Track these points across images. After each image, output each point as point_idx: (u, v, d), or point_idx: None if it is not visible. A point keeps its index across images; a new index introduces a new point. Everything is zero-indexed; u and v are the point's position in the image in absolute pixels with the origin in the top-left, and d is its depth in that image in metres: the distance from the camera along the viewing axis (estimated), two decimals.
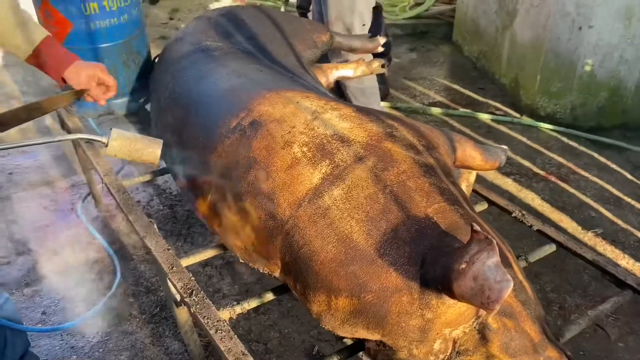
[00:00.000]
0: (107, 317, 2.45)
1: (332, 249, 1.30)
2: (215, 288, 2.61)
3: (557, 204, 3.05)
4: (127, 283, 2.64)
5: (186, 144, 1.77)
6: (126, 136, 1.77)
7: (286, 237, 1.38)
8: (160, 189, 3.31)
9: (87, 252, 2.83)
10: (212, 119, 1.68)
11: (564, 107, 3.64)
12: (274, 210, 1.40)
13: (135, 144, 1.79)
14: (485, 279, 1.01)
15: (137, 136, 1.84)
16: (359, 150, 1.42)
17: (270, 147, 1.47)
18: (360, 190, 1.35)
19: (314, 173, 1.39)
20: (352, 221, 1.31)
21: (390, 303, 1.22)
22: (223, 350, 1.38)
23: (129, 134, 1.79)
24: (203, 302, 1.52)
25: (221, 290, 2.61)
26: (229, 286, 2.63)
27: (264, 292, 1.61)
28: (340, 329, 1.33)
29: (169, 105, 1.93)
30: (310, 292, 1.34)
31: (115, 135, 1.77)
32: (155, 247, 1.73)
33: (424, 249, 1.26)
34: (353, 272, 1.26)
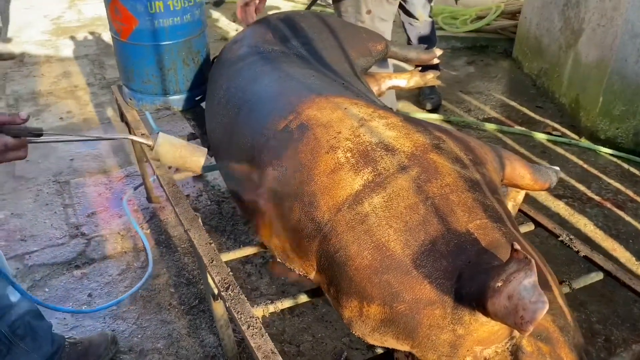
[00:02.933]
0: (147, 306, 2.53)
1: (368, 256, 1.30)
2: (254, 286, 2.65)
3: (611, 231, 2.93)
4: (169, 274, 2.72)
5: (235, 143, 1.81)
6: (172, 142, 1.83)
7: (323, 240, 1.39)
8: (210, 185, 3.39)
9: (136, 240, 2.94)
10: (262, 120, 1.71)
11: (626, 131, 3.49)
12: (314, 212, 1.41)
13: (180, 151, 1.85)
14: (520, 299, 0.99)
15: (183, 143, 1.90)
16: (403, 160, 1.41)
17: (315, 150, 1.48)
18: (401, 199, 1.34)
19: (355, 179, 1.40)
20: (390, 230, 1.30)
21: (422, 315, 1.20)
22: (253, 347, 1.40)
23: (176, 141, 1.85)
24: (238, 298, 1.55)
25: (259, 288, 2.65)
26: (266, 285, 2.66)
27: (298, 293, 1.63)
28: (369, 337, 1.32)
29: (222, 104, 1.98)
30: (343, 297, 1.35)
31: (162, 140, 1.83)
32: (198, 240, 1.78)
33: (461, 264, 1.24)
34: (387, 280, 1.26)
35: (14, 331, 1.84)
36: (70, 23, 6.15)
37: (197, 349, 2.34)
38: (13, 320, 1.84)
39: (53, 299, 2.56)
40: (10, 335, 1.83)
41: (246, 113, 1.81)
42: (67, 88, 4.62)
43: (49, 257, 2.81)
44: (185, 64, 2.45)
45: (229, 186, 1.95)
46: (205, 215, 3.12)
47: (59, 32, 5.86)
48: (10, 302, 1.84)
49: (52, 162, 3.59)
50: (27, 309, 1.90)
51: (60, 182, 3.40)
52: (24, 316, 1.88)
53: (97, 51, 5.38)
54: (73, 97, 4.47)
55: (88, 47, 5.49)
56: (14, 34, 5.72)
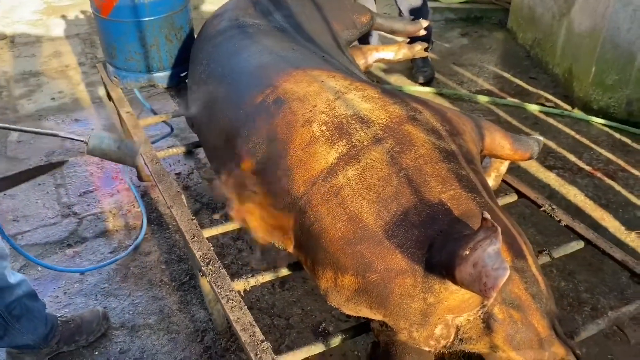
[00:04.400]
0: (138, 283, 2.55)
1: (342, 227, 1.30)
2: (245, 261, 2.67)
3: (601, 201, 2.93)
4: (161, 251, 2.74)
5: (215, 119, 1.81)
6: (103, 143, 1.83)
7: (300, 213, 1.40)
8: (202, 162, 3.39)
9: (127, 218, 2.96)
10: (240, 94, 1.71)
11: (619, 101, 3.46)
12: (290, 186, 1.42)
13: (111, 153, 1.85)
14: (483, 266, 0.99)
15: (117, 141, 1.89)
16: (377, 132, 1.41)
17: (290, 124, 1.48)
18: (374, 171, 1.34)
19: (330, 152, 1.40)
20: (363, 201, 1.31)
21: (394, 284, 1.22)
22: (232, 320, 1.42)
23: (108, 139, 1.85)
24: (218, 272, 1.56)
25: (250, 264, 2.67)
26: (258, 261, 2.68)
27: (279, 267, 1.64)
28: (344, 307, 1.34)
29: (202, 80, 1.97)
30: (319, 268, 1.36)
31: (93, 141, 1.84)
32: (180, 216, 1.79)
33: (433, 233, 1.25)
34: (360, 251, 1.27)
35: (10, 312, 1.86)
36: (61, 2, 6.08)
37: (188, 324, 2.37)
38: (10, 301, 1.86)
39: (45, 277, 2.59)
40: (7, 315, 1.85)
41: (225, 88, 1.81)
42: (58, 68, 4.60)
43: (41, 237, 2.83)
44: (168, 40, 2.43)
45: (210, 162, 1.96)
46: (196, 193, 3.13)
47: (50, 12, 5.80)
48: (8, 283, 1.85)
49: (45, 142, 3.58)
50: (25, 290, 1.92)
51: (52, 162, 3.40)
52: (22, 298, 1.90)
53: (89, 30, 5.33)
54: (64, 77, 4.45)
55: (79, 26, 5.44)
56: (4, 14, 5.67)
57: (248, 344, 1.35)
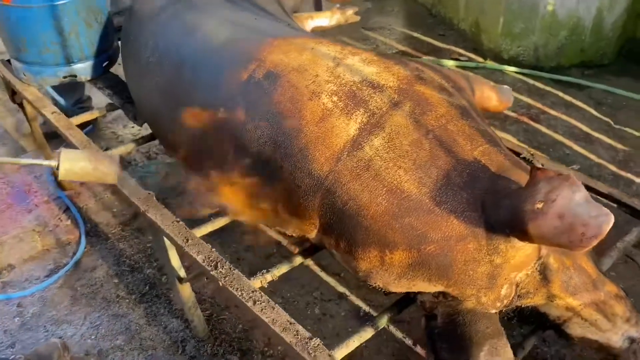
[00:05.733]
0: (91, 303, 2.27)
1: (383, 202, 1.21)
2: None
3: (533, 144, 3.09)
4: (107, 264, 2.46)
5: (183, 106, 1.60)
6: (78, 164, 1.57)
7: (326, 195, 1.28)
8: (125, 160, 3.08)
9: (58, 234, 2.60)
10: (215, 76, 1.52)
11: (527, 48, 3.66)
12: (310, 167, 1.29)
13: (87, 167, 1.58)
14: (575, 216, 0.96)
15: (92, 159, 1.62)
16: (392, 96, 1.32)
17: (295, 99, 1.34)
18: (402, 137, 1.26)
19: (349, 124, 1.29)
20: (399, 170, 1.22)
21: (455, 252, 1.15)
22: (267, 322, 1.28)
23: (82, 159, 1.58)
24: (232, 274, 1.40)
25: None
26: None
27: (292, 256, 1.51)
28: (394, 284, 1.26)
29: (152, 66, 1.74)
30: (359, 250, 1.26)
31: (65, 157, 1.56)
32: (162, 220, 1.58)
33: (480, 192, 1.20)
34: (409, 223, 1.18)
35: None
36: None
37: (163, 337, 2.15)
38: None
39: None
40: None
41: (190, 71, 1.60)
42: None
43: None
44: (88, 25, 2.12)
45: (179, 157, 1.74)
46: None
47: None
48: None
49: None
50: None
51: None
52: None
53: None
54: None
55: None
56: None
57: (295, 344, 1.22)
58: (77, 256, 2.45)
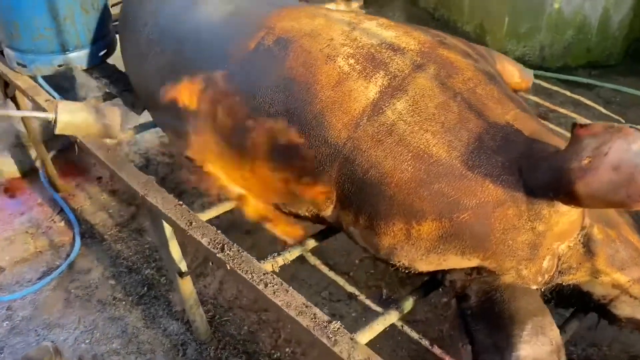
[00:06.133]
0: (86, 305, 2.13)
1: (409, 168, 1.10)
2: (207, 260, 2.34)
3: None
4: (103, 265, 2.33)
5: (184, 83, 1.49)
6: (75, 109, 1.47)
7: (345, 164, 1.17)
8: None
9: (51, 235, 2.47)
10: (220, 47, 1.42)
11: (533, 48, 3.60)
12: (326, 134, 1.18)
13: (88, 117, 1.49)
14: (636, 166, 0.85)
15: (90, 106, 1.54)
16: (415, 58, 1.22)
17: (308, 63, 1.24)
18: (428, 100, 1.15)
19: (368, 87, 1.18)
20: (426, 134, 1.11)
21: (493, 219, 1.04)
22: (280, 305, 1.15)
23: (81, 109, 1.49)
24: (240, 256, 1.28)
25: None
26: None
27: (305, 240, 1.39)
28: (422, 261, 1.14)
29: (153, 44, 1.63)
30: (382, 223, 1.14)
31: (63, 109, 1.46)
32: (163, 204, 1.46)
33: (515, 156, 1.09)
34: (439, 190, 1.07)
35: None
36: None
37: (162, 340, 2.01)
38: None
39: None
40: None
41: (193, 45, 1.50)
42: None
43: None
44: (84, 10, 2.02)
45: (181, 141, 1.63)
46: (127, 196, 2.72)
47: None
48: None
49: None
50: None
51: None
52: None
53: None
54: None
55: None
56: None
57: (313, 328, 1.10)
58: (71, 257, 2.33)
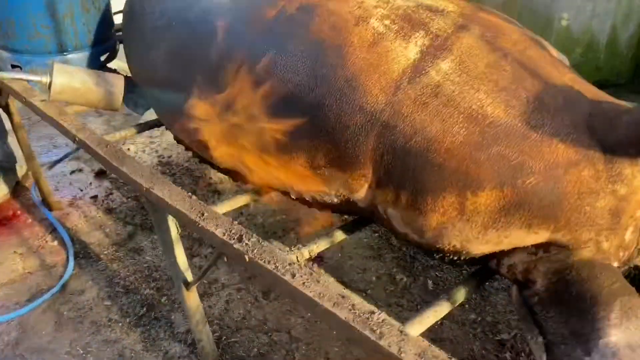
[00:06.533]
0: (79, 328, 1.93)
1: (461, 131, 0.95)
2: (211, 279, 2.16)
3: None
4: (98, 286, 2.13)
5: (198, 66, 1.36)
6: (76, 76, 1.35)
7: (383, 132, 1.02)
8: (119, 181, 2.80)
9: (43, 256, 2.29)
10: (234, 22, 1.29)
11: None
12: (361, 100, 1.04)
13: (89, 80, 1.38)
14: None
15: (88, 71, 1.43)
16: (457, 19, 1.10)
17: (338, 25, 1.11)
18: (476, 59, 1.02)
19: (407, 47, 1.05)
20: (478, 94, 0.98)
21: (565, 183, 0.89)
22: (312, 297, 0.98)
23: (78, 68, 1.38)
24: (261, 245, 1.11)
25: (218, 280, 2.16)
26: (226, 275, 2.19)
27: (332, 231, 1.22)
28: (478, 240, 0.98)
29: (161, 32, 1.51)
30: (428, 198, 0.99)
31: (60, 70, 1.35)
32: (171, 196, 1.29)
33: (583, 116, 0.95)
34: (499, 154, 0.92)
35: None
36: None
37: None
38: None
39: None
40: None
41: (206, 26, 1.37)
42: None
43: None
44: (85, 9, 1.91)
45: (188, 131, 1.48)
46: (125, 214, 2.55)
47: None
48: None
49: None
50: None
51: None
52: None
53: None
54: None
55: None
56: None
57: (353, 320, 0.92)
58: (64, 278, 2.13)
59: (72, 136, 1.60)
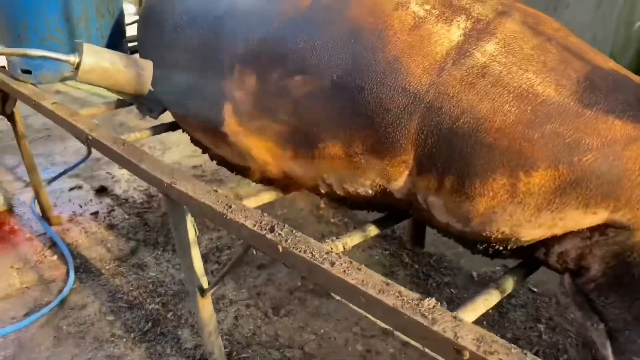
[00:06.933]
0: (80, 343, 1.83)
1: (512, 109, 0.92)
2: (219, 295, 2.08)
3: None
4: (100, 300, 2.04)
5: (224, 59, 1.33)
6: (105, 56, 1.33)
7: (428, 114, 0.99)
8: (121, 198, 2.74)
9: (41, 271, 2.19)
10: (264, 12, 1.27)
11: None
12: (403, 81, 1.01)
13: (119, 61, 1.35)
14: None
15: (118, 53, 1.41)
16: (496, 6, 1.08)
17: (377, 11, 1.09)
18: (521, 42, 1.00)
19: (450, 30, 1.03)
20: (527, 73, 0.95)
21: (625, 159, 0.85)
22: (355, 284, 0.92)
23: (109, 53, 1.36)
24: (295, 235, 1.06)
25: (226, 296, 2.08)
26: (234, 291, 2.11)
27: (366, 225, 1.17)
28: (530, 224, 0.93)
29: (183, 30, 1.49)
30: (477, 181, 0.94)
31: (89, 49, 1.32)
32: (195, 190, 1.24)
33: (635, 96, 0.92)
34: (553, 131, 0.89)
35: None
36: None
37: None
38: None
39: None
40: None
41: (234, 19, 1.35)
42: None
43: None
44: (100, 13, 1.89)
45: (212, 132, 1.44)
46: (127, 231, 2.47)
47: None
48: None
49: None
50: None
51: None
52: None
53: None
54: None
55: None
56: None
57: (402, 307, 0.87)
58: (64, 292, 2.04)
59: (85, 136, 1.54)
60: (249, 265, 2.25)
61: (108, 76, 1.21)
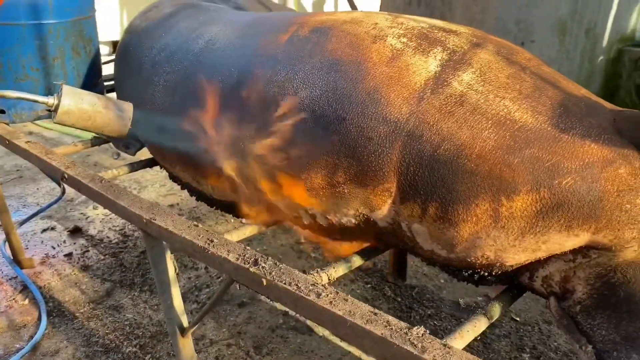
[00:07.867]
0: None
1: (491, 136, 0.94)
2: (198, 335, 2.02)
3: None
4: (74, 345, 1.97)
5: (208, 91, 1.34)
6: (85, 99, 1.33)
7: (409, 142, 1.00)
8: (96, 239, 2.67)
9: (11, 316, 2.11)
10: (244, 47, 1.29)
11: None
12: (383, 111, 1.02)
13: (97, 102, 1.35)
14: None
15: (97, 95, 1.41)
16: (470, 38, 1.12)
17: (355, 44, 1.11)
18: (496, 71, 1.03)
19: (427, 61, 1.06)
20: (504, 101, 0.98)
21: (603, 181, 0.87)
22: (342, 315, 0.91)
23: (88, 95, 1.36)
24: (279, 267, 1.04)
25: (206, 336, 2.02)
26: (214, 330, 2.05)
27: (350, 257, 1.16)
28: (514, 248, 0.94)
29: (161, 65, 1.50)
30: (459, 207, 0.95)
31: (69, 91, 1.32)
32: (175, 225, 1.22)
33: (608, 120, 0.95)
34: (532, 156, 0.91)
35: None
36: None
37: None
38: None
39: None
40: None
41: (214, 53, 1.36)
42: None
43: None
44: (76, 53, 1.89)
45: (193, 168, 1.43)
46: (103, 272, 2.41)
47: None
48: None
49: None
50: None
51: None
52: None
53: None
54: None
55: None
56: None
57: (390, 336, 0.85)
58: (36, 337, 1.96)
59: (61, 174, 1.52)
60: (229, 303, 2.21)
61: (86, 118, 1.20)
